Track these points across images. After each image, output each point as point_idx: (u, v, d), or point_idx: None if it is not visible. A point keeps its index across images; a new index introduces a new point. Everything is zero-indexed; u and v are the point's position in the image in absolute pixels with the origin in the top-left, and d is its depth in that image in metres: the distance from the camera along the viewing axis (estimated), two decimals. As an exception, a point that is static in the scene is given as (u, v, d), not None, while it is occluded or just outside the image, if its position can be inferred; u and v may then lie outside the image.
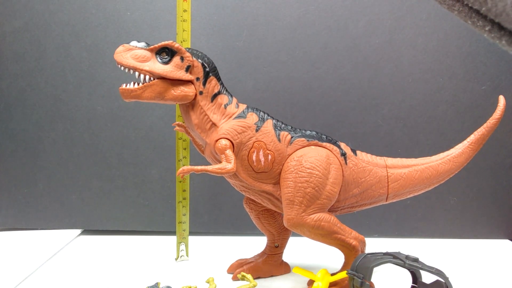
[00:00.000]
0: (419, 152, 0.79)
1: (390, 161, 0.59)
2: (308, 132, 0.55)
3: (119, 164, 0.83)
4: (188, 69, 0.51)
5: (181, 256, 0.69)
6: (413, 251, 0.74)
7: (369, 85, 0.82)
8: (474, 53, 0.81)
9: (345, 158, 0.55)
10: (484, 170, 0.83)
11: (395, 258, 0.47)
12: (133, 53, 0.49)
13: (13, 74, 0.81)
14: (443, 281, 0.47)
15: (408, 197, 0.60)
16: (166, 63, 0.50)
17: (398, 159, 0.59)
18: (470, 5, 0.21)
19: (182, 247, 0.69)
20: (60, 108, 0.82)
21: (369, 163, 0.57)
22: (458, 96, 0.82)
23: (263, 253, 0.64)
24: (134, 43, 0.50)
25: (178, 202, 0.68)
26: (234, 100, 0.55)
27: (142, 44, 0.50)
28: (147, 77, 0.50)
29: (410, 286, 0.53)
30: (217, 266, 0.66)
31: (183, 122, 0.61)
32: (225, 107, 0.53)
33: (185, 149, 0.67)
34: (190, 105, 0.52)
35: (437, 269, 0.46)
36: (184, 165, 0.67)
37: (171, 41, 0.50)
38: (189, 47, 0.63)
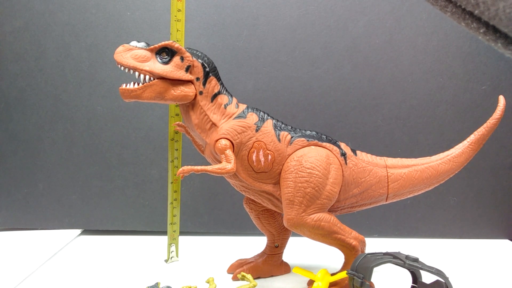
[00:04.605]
0: (419, 152, 0.79)
1: (390, 161, 0.59)
2: (308, 132, 0.55)
3: (119, 164, 0.83)
4: (188, 69, 0.51)
5: (171, 258, 0.69)
6: (413, 251, 0.74)
7: (369, 85, 0.82)
8: (474, 53, 0.81)
9: (345, 158, 0.55)
10: (484, 170, 0.83)
11: (395, 258, 0.47)
12: (133, 53, 0.49)
13: (13, 74, 0.81)
14: (443, 281, 0.47)
15: (408, 197, 0.60)
16: (166, 63, 0.50)
17: (398, 159, 0.59)
18: (463, 6, 0.21)
19: (173, 248, 0.69)
20: (60, 108, 0.82)
21: (369, 163, 0.57)
22: (458, 96, 0.82)
23: (263, 253, 0.64)
24: (134, 43, 0.50)
25: (169, 203, 0.68)
26: (234, 100, 0.55)
27: (142, 44, 0.50)
28: (147, 77, 0.50)
29: (410, 286, 0.53)
30: (217, 266, 0.66)
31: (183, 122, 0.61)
32: (225, 107, 0.53)
33: (177, 149, 0.67)
34: (190, 105, 0.52)
35: (437, 269, 0.46)
36: (176, 166, 0.67)
37: (171, 41, 0.50)
38: (183, 47, 0.63)
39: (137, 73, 0.49)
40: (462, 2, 0.21)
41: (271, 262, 0.63)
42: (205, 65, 0.52)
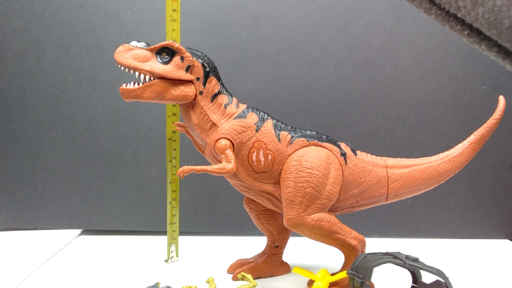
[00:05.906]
0: (419, 152, 0.79)
1: (390, 161, 0.59)
2: (308, 132, 0.55)
3: (119, 164, 0.83)
4: (188, 69, 0.51)
5: (171, 258, 0.69)
6: (413, 251, 0.74)
7: (369, 85, 0.82)
8: (474, 53, 0.81)
9: (345, 158, 0.55)
10: (484, 170, 0.83)
11: (395, 258, 0.47)
12: (133, 53, 0.49)
13: (13, 74, 0.81)
14: (443, 281, 0.47)
15: (408, 197, 0.60)
16: (166, 63, 0.50)
17: (398, 159, 0.59)
18: (447, 9, 0.21)
19: (173, 248, 0.69)
20: (60, 108, 0.82)
21: (369, 163, 0.57)
22: (458, 96, 0.82)
23: (263, 253, 0.64)
24: (134, 43, 0.50)
25: (168, 203, 0.68)
26: (234, 100, 0.55)
27: (142, 44, 0.50)
28: (147, 77, 0.50)
29: (410, 286, 0.53)
30: (217, 266, 0.66)
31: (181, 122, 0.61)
32: (225, 107, 0.53)
33: (175, 149, 0.67)
34: (190, 105, 0.52)
35: (437, 269, 0.46)
36: (174, 166, 0.67)
37: (171, 41, 0.50)
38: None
39: (137, 73, 0.49)
40: (445, 5, 0.21)
41: (271, 262, 0.63)
42: (205, 65, 0.52)
